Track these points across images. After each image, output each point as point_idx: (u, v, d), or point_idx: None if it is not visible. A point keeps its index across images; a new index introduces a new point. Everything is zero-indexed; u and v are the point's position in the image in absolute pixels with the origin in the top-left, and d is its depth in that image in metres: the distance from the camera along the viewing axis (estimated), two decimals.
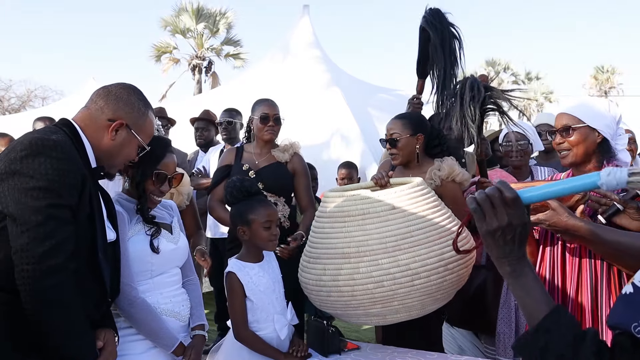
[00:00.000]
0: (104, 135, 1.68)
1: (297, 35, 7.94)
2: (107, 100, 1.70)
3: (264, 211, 2.17)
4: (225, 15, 20.47)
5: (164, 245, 2.02)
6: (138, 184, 1.99)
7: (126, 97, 1.72)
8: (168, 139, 2.17)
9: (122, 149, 1.72)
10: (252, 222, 2.15)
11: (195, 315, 2.14)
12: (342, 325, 4.61)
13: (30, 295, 1.41)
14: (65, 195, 1.47)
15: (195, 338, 2.08)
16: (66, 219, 1.47)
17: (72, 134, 1.62)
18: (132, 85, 1.78)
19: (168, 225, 2.11)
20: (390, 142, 2.76)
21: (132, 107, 1.72)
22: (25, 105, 22.35)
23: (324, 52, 7.81)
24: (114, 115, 1.69)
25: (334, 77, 7.16)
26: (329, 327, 2.32)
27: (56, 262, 1.42)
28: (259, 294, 2.13)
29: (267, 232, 2.16)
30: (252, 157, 3.19)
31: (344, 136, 6.00)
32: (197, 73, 20.42)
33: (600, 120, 2.00)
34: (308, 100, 6.50)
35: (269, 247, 2.20)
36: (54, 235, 1.42)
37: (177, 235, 2.12)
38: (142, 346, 1.93)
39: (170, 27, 20.28)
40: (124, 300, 1.86)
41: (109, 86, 1.75)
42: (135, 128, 1.73)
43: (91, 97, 1.73)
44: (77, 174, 1.52)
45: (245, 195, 2.21)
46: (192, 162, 4.88)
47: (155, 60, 20.40)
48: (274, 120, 3.15)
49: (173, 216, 2.19)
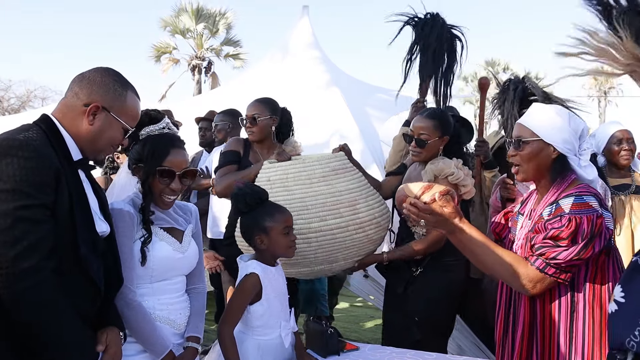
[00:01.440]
0: (82, 121, 1.62)
1: (296, 36, 7.94)
2: (81, 85, 1.65)
3: (281, 217, 2.11)
4: (225, 15, 20.47)
5: (165, 252, 1.94)
6: (143, 183, 1.95)
7: (99, 79, 1.66)
8: (173, 134, 2.07)
9: (103, 133, 1.66)
10: (270, 229, 2.07)
11: (192, 325, 2.05)
12: (341, 326, 4.62)
13: (8, 301, 1.38)
14: (36, 195, 1.43)
15: (187, 350, 2.00)
16: (39, 219, 1.43)
17: (49, 128, 1.58)
18: (108, 68, 1.72)
19: (179, 232, 2.03)
20: (418, 143, 2.74)
21: (107, 89, 1.66)
22: (25, 105, 22.32)
23: (323, 53, 7.80)
24: (89, 99, 1.63)
25: (333, 78, 7.16)
26: (328, 328, 2.31)
27: (29, 264, 1.39)
28: (272, 299, 2.08)
29: (286, 239, 2.10)
30: (257, 157, 3.15)
31: (343, 136, 5.99)
32: (196, 73, 20.42)
33: (557, 134, 1.82)
34: (307, 101, 6.50)
35: (290, 253, 2.14)
36: (25, 238, 1.39)
37: (187, 244, 2.03)
38: (134, 349, 1.90)
39: (170, 27, 20.28)
40: (121, 301, 1.84)
41: (84, 72, 1.69)
42: (114, 110, 1.66)
43: (69, 86, 1.68)
44: (49, 170, 1.47)
45: (258, 202, 2.13)
46: (195, 161, 4.87)
47: (154, 60, 20.41)
48: (250, 121, 3.13)
49: (190, 222, 2.10)
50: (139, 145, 1.97)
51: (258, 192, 2.15)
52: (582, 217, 1.70)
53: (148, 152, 1.93)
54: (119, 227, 1.85)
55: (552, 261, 1.72)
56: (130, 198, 1.97)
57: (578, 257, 1.69)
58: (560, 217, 1.73)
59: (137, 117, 1.78)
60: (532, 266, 1.76)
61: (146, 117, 1.96)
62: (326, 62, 7.65)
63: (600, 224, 1.70)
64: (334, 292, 4.79)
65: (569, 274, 1.74)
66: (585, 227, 1.69)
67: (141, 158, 1.95)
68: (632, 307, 0.93)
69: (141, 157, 1.95)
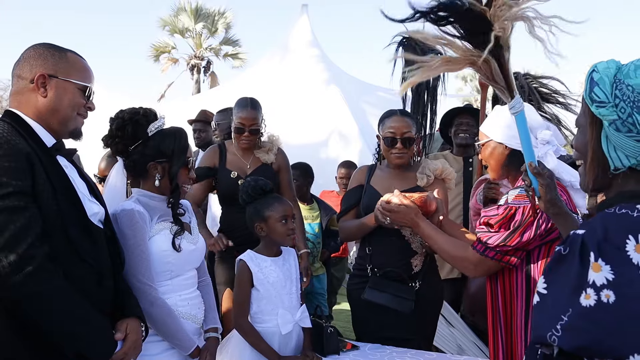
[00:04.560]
0: (36, 99, 1.57)
1: (295, 34, 7.94)
2: (20, 66, 1.60)
3: (280, 207, 2.24)
4: (224, 15, 20.43)
5: (185, 245, 1.98)
6: (173, 178, 1.96)
7: (34, 53, 1.60)
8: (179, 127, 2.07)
9: (62, 100, 1.59)
10: (268, 218, 2.22)
11: (209, 318, 2.12)
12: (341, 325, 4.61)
13: (8, 293, 1.37)
14: (9, 182, 1.39)
15: (210, 340, 2.07)
16: (18, 206, 1.40)
17: (14, 120, 1.54)
18: (39, 42, 1.65)
19: (188, 225, 2.08)
20: (405, 143, 2.55)
21: (45, 57, 1.59)
22: None
23: (322, 51, 7.80)
24: (32, 74, 1.57)
25: (332, 76, 7.16)
26: (328, 327, 2.31)
27: (19, 253, 1.36)
28: (266, 284, 2.18)
29: (284, 227, 2.22)
30: (237, 161, 3.06)
31: (342, 135, 6.00)
32: (195, 73, 20.36)
33: (504, 132, 1.97)
34: (306, 99, 6.50)
35: (287, 241, 2.27)
36: (7, 228, 1.37)
37: (196, 236, 2.10)
38: (159, 347, 1.91)
39: (168, 26, 20.22)
40: (144, 300, 1.83)
41: (18, 58, 1.64)
42: (61, 73, 1.59)
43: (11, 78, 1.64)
44: (19, 155, 1.43)
45: (260, 194, 2.26)
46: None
47: (153, 60, 20.35)
48: (250, 132, 2.98)
49: (191, 217, 2.16)
50: (154, 141, 1.94)
51: (261, 184, 2.28)
52: (519, 207, 1.83)
53: (176, 146, 1.95)
54: (133, 228, 1.86)
55: (485, 245, 1.89)
56: (134, 198, 1.96)
57: (504, 243, 1.84)
58: (498, 206, 1.92)
59: (88, 72, 1.69)
60: (473, 250, 1.94)
61: (143, 117, 1.94)
62: (325, 60, 7.65)
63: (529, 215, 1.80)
64: (334, 291, 4.78)
65: (513, 257, 1.86)
66: (518, 217, 1.83)
67: (163, 153, 1.94)
68: (553, 299, 0.91)
69: (163, 153, 1.94)
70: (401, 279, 2.54)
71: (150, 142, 1.94)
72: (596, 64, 1.03)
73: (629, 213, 0.94)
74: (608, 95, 0.98)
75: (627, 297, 0.85)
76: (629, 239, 0.89)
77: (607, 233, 0.91)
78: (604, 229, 0.91)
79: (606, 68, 1.01)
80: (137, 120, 1.92)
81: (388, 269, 2.55)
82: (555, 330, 0.88)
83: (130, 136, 1.92)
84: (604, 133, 1.00)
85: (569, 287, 0.89)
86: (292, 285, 2.26)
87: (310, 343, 2.25)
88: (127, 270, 1.82)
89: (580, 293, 0.87)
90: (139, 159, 1.95)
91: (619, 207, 0.96)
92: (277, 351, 2.13)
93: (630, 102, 0.96)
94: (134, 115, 1.93)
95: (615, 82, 0.98)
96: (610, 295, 0.85)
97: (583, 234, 0.92)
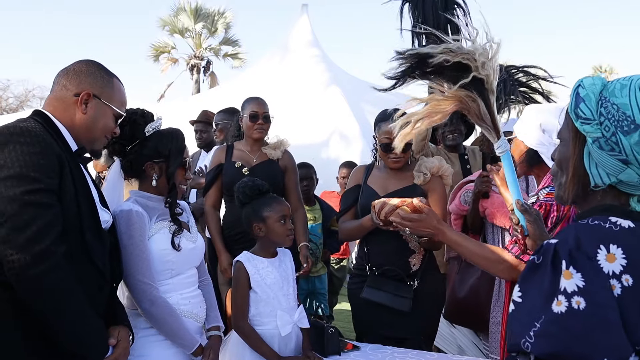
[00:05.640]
0: (75, 112, 1.64)
1: (295, 34, 7.94)
2: (68, 77, 1.66)
3: (279, 207, 2.22)
4: (223, 15, 20.42)
5: (184, 243, 2.00)
6: (170, 178, 1.97)
7: (85, 69, 1.68)
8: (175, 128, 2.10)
9: (98, 121, 1.68)
10: (267, 218, 2.19)
11: (211, 316, 2.13)
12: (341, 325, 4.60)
13: (23, 285, 1.38)
14: (42, 179, 1.43)
15: (212, 339, 2.07)
16: (46, 203, 1.44)
17: (45, 121, 1.59)
18: (91, 59, 1.74)
19: (186, 224, 2.09)
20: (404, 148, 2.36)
21: (95, 77, 1.68)
22: (23, 105, 22.24)
23: (322, 51, 7.80)
24: (79, 89, 1.64)
25: (333, 76, 7.15)
26: (329, 327, 2.30)
27: (41, 247, 1.39)
28: (264, 286, 2.16)
29: (282, 227, 2.20)
30: (244, 155, 3.19)
31: (343, 135, 5.99)
32: (195, 73, 20.36)
33: (525, 130, 2.12)
34: (307, 99, 6.49)
35: (286, 242, 2.24)
36: (34, 222, 1.39)
37: (195, 234, 2.10)
38: (162, 347, 1.92)
39: (168, 26, 20.22)
40: (145, 300, 1.85)
41: (67, 66, 1.72)
42: (104, 96, 1.68)
43: (53, 82, 1.70)
44: (52, 155, 1.48)
45: (257, 194, 2.24)
46: (194, 160, 4.85)
47: (153, 60, 20.35)
48: (263, 119, 3.15)
49: (189, 216, 2.17)
50: (151, 142, 1.96)
51: (258, 184, 2.26)
52: (553, 204, 1.85)
53: (173, 146, 1.96)
54: (132, 228, 1.87)
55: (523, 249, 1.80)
56: (132, 198, 1.97)
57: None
58: (533, 203, 1.87)
59: (125, 103, 1.79)
60: (509, 253, 1.83)
61: (141, 118, 1.97)
62: (326, 60, 7.65)
63: (567, 210, 1.82)
64: (335, 291, 4.77)
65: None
66: (554, 213, 1.84)
67: (160, 154, 1.96)
68: (527, 307, 0.92)
69: (160, 153, 1.96)
70: (399, 278, 2.56)
71: (147, 143, 1.96)
72: (582, 79, 1.02)
73: (602, 224, 0.95)
74: (593, 113, 0.98)
75: (597, 303, 0.86)
76: (600, 248, 0.91)
77: (579, 242, 0.92)
78: (576, 239, 0.93)
79: (592, 84, 1.00)
80: (135, 121, 1.94)
81: (386, 268, 2.58)
82: (529, 337, 0.88)
83: (127, 136, 1.93)
84: (587, 149, 1.00)
85: (542, 295, 0.90)
86: (289, 286, 2.26)
87: (309, 343, 2.24)
88: (127, 271, 1.84)
89: (553, 300, 0.88)
90: (136, 159, 1.96)
91: (592, 218, 0.97)
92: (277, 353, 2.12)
93: (614, 121, 0.96)
94: (131, 115, 1.93)
95: (601, 100, 0.98)
96: (581, 302, 0.86)
97: (556, 243, 0.94)
